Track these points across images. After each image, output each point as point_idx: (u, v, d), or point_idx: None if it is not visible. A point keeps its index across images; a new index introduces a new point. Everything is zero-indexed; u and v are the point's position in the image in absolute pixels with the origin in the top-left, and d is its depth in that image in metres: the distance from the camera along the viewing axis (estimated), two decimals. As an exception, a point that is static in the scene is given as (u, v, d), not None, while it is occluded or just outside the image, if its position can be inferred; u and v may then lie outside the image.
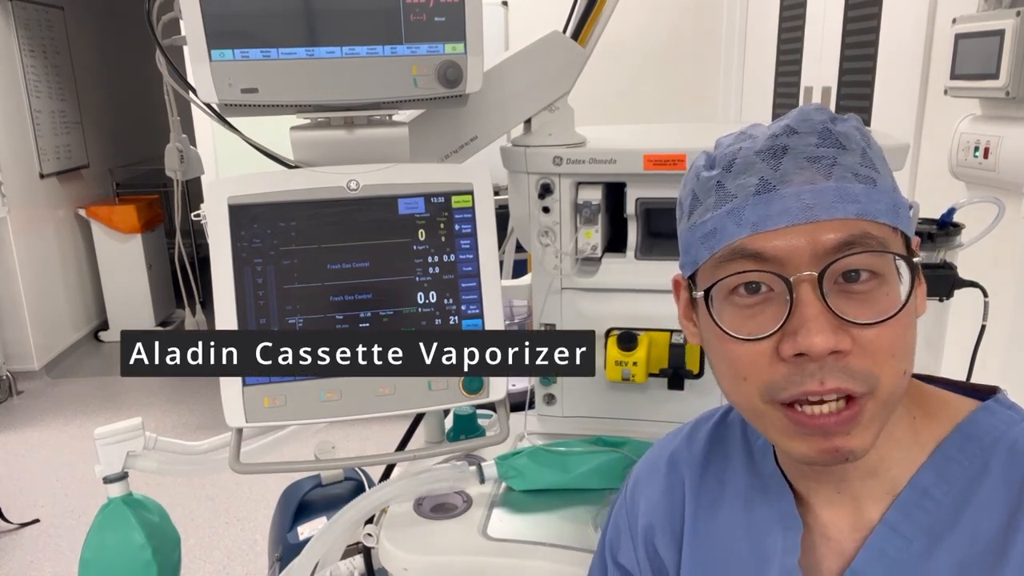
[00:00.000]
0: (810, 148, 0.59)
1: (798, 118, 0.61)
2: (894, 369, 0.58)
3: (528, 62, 1.12)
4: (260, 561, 2.66)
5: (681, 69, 4.22)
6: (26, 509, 2.99)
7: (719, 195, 0.62)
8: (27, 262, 4.24)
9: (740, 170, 0.61)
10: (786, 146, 0.60)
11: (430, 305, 0.97)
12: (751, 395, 0.61)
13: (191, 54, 0.89)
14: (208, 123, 1.21)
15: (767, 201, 0.59)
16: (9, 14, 4.21)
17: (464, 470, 1.01)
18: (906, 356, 0.60)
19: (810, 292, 0.57)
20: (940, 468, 0.62)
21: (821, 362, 0.57)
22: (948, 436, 0.63)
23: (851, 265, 0.57)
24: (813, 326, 0.56)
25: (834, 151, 0.59)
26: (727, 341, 0.61)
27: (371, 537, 0.99)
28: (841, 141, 0.60)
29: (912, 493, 0.62)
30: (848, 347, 0.57)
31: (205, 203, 0.97)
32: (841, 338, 0.56)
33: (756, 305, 0.60)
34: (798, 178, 0.59)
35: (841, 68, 2.87)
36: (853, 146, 0.60)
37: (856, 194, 0.58)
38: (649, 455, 0.83)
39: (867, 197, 0.58)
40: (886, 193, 0.60)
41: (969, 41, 1.95)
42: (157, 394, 4.08)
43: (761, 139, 0.61)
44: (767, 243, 0.58)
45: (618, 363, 1.12)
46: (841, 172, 0.59)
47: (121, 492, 1.10)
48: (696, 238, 0.64)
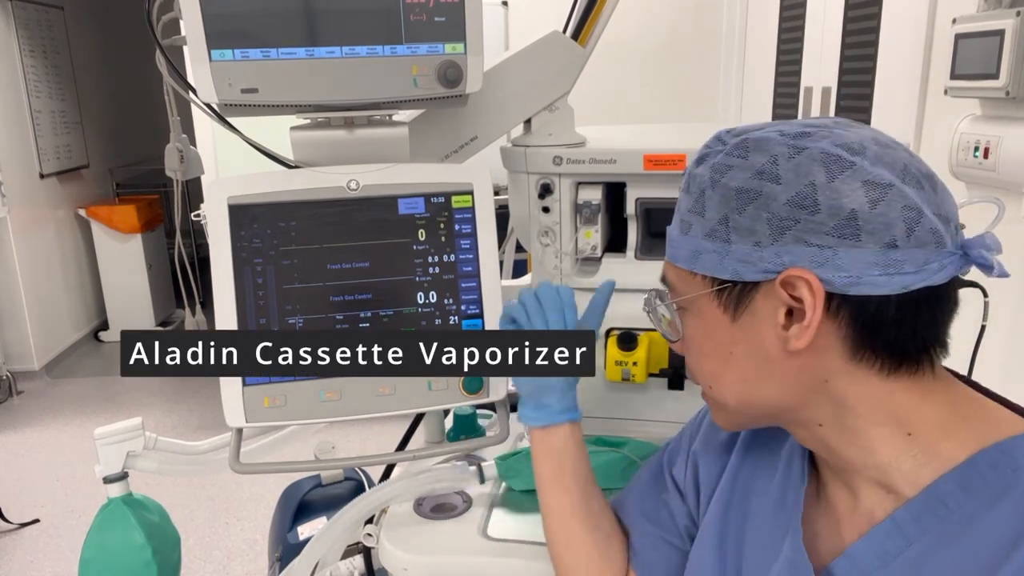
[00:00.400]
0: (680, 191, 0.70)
1: (696, 155, 0.69)
2: (701, 382, 0.72)
3: (528, 62, 1.12)
4: (260, 561, 2.66)
5: (681, 69, 4.22)
6: (26, 509, 2.99)
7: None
8: (27, 262, 4.24)
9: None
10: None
11: (430, 305, 0.97)
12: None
13: (191, 54, 0.89)
14: (208, 123, 1.21)
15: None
16: (9, 14, 4.21)
17: (464, 470, 1.01)
18: (705, 376, 0.71)
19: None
20: (964, 480, 0.61)
21: None
22: (985, 452, 0.62)
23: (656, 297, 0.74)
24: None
25: (682, 195, 0.69)
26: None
27: (371, 537, 0.99)
28: (688, 184, 0.68)
29: (928, 498, 0.62)
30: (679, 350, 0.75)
31: (205, 203, 0.97)
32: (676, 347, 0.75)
33: None
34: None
35: (841, 68, 2.87)
36: (693, 190, 0.67)
37: (672, 238, 0.69)
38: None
39: (676, 243, 0.68)
40: (691, 240, 0.66)
41: (969, 41, 1.95)
42: (157, 394, 4.08)
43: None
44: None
45: (618, 363, 1.12)
46: (677, 218, 0.69)
47: (121, 492, 1.10)
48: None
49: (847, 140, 0.61)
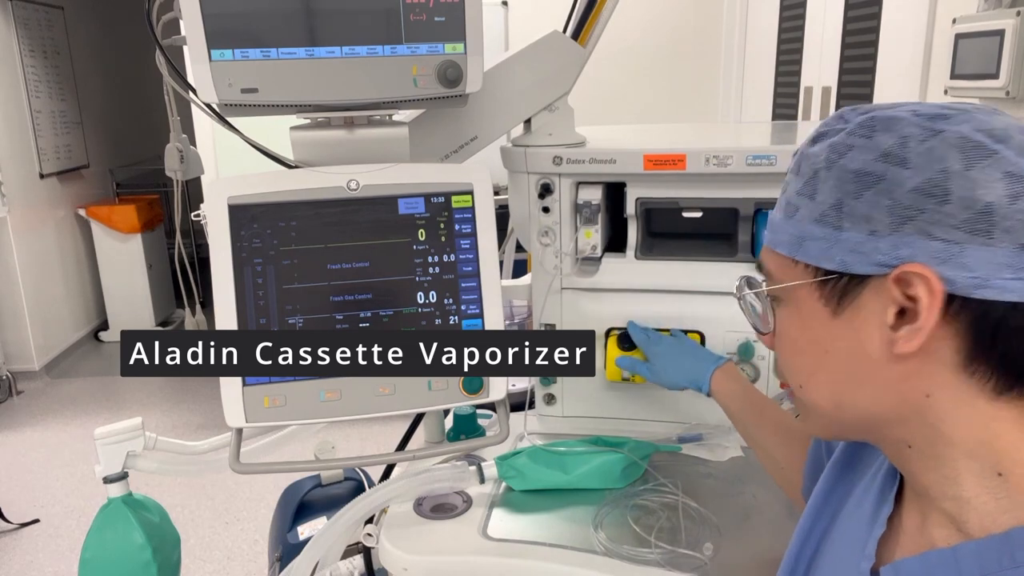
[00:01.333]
0: (787, 172, 0.64)
1: (811, 134, 0.64)
2: (792, 381, 0.66)
3: (528, 62, 1.12)
4: (260, 561, 2.66)
5: (681, 69, 4.22)
6: (26, 509, 2.99)
7: None
8: (27, 262, 4.24)
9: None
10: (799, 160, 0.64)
11: (430, 305, 0.97)
12: None
13: (191, 54, 0.89)
14: (208, 123, 1.21)
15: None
16: (9, 14, 4.21)
17: (464, 470, 1.01)
18: (796, 374, 0.65)
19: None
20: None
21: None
22: None
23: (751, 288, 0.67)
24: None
25: (791, 176, 0.63)
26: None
27: (371, 537, 0.99)
28: (800, 164, 0.62)
29: (1000, 547, 0.56)
30: (768, 343, 0.68)
31: (205, 203, 0.97)
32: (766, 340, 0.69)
33: None
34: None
35: (841, 68, 2.87)
36: (805, 170, 0.62)
37: (774, 223, 0.64)
38: None
39: (779, 227, 0.63)
40: (797, 224, 0.61)
41: (969, 41, 1.95)
42: (157, 394, 4.08)
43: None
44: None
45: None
46: (782, 200, 0.63)
47: (121, 492, 1.10)
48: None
49: (991, 126, 0.55)
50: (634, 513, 1.00)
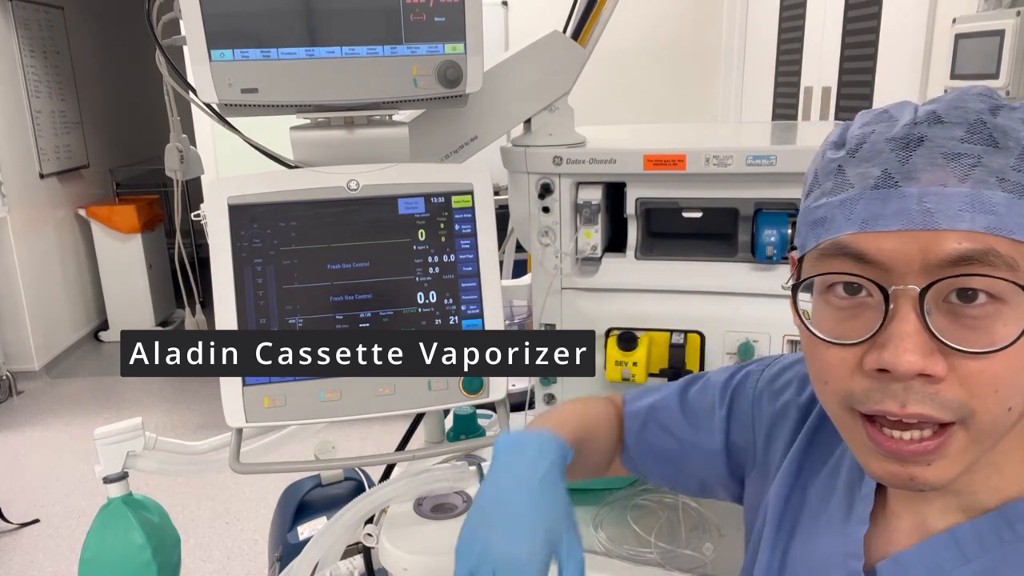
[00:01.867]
0: (952, 143, 0.51)
1: (951, 103, 0.53)
2: (995, 405, 0.51)
3: (528, 62, 1.12)
4: (260, 561, 2.66)
5: (681, 69, 4.22)
6: (26, 509, 2.99)
7: (837, 181, 0.55)
8: (27, 262, 4.24)
9: (865, 157, 0.54)
10: (923, 137, 0.52)
11: (430, 305, 0.97)
12: (831, 401, 0.57)
13: (191, 54, 0.89)
14: (208, 123, 1.21)
15: (884, 198, 0.52)
16: (9, 14, 4.21)
17: (464, 470, 1.01)
18: (1014, 392, 0.52)
19: (909, 306, 0.50)
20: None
21: (907, 383, 0.51)
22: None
23: (963, 285, 0.50)
24: (904, 344, 0.50)
25: (982, 148, 0.51)
26: (815, 341, 0.56)
27: (371, 537, 0.99)
28: (995, 137, 0.51)
29: (996, 518, 0.57)
30: (941, 373, 0.50)
31: (205, 203, 0.97)
32: (934, 362, 0.50)
33: (852, 308, 0.54)
34: (927, 176, 0.51)
35: (841, 68, 2.87)
36: (1010, 144, 0.51)
37: (994, 203, 0.49)
38: (799, 362, 0.78)
39: (1007, 208, 0.49)
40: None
41: (969, 41, 1.95)
42: (157, 394, 4.08)
43: (899, 124, 0.53)
44: (874, 244, 0.52)
45: (618, 363, 1.12)
46: (983, 175, 0.50)
47: (121, 492, 1.10)
48: (807, 222, 0.58)
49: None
50: (634, 513, 1.00)
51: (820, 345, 0.56)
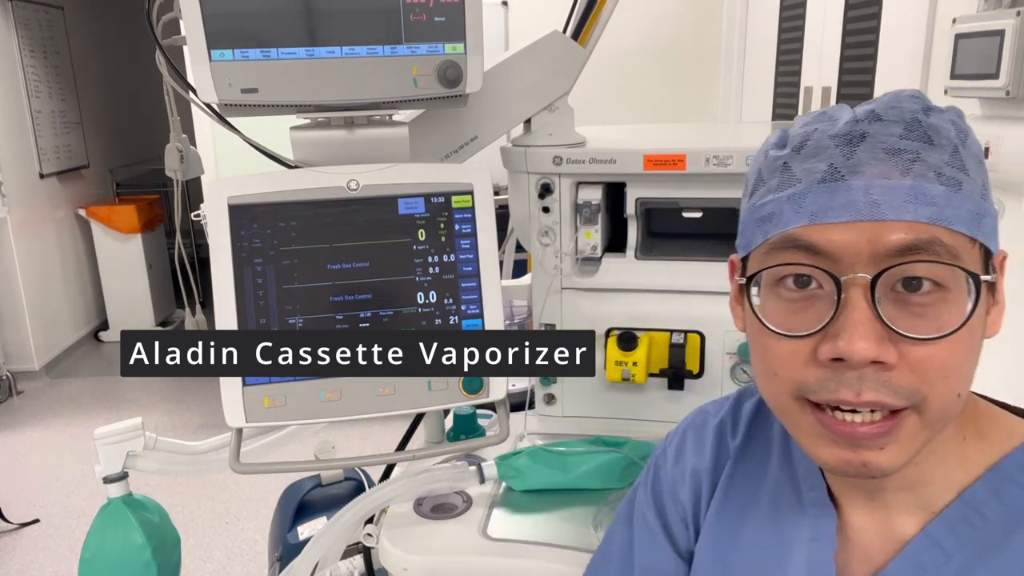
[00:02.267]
0: (892, 139, 0.54)
1: (887, 103, 0.56)
2: (945, 390, 0.53)
3: (528, 62, 1.12)
4: (260, 561, 2.66)
5: (681, 69, 4.22)
6: (26, 509, 2.99)
7: (783, 177, 0.58)
8: (27, 262, 4.24)
9: (810, 153, 0.56)
10: (865, 133, 0.55)
11: (430, 305, 0.97)
12: (781, 392, 0.58)
13: (191, 54, 0.89)
14: (208, 123, 1.21)
15: (832, 191, 0.54)
16: (9, 14, 4.21)
17: (464, 470, 1.01)
18: (961, 380, 0.54)
19: (860, 295, 0.52)
20: (997, 486, 0.58)
21: (860, 371, 0.53)
22: (1011, 455, 0.59)
23: (911, 272, 0.52)
24: (857, 332, 0.52)
25: (919, 145, 0.54)
26: (765, 334, 0.57)
27: (371, 537, 0.99)
28: (930, 135, 0.54)
29: (961, 507, 0.59)
30: (893, 360, 0.52)
31: (205, 203, 0.97)
32: (886, 349, 0.52)
33: (802, 300, 0.56)
34: (871, 170, 0.53)
35: (841, 68, 2.87)
36: (943, 142, 0.54)
37: (934, 196, 0.52)
38: (696, 418, 0.79)
39: (946, 201, 0.53)
40: (970, 199, 0.54)
41: (969, 41, 1.95)
42: (157, 394, 4.08)
43: (841, 122, 0.56)
44: (824, 236, 0.54)
45: (618, 363, 1.12)
46: (922, 169, 0.53)
47: (121, 492, 1.10)
48: (753, 220, 0.60)
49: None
50: (634, 513, 1.00)
51: (771, 338, 0.57)
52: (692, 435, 0.77)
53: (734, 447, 0.73)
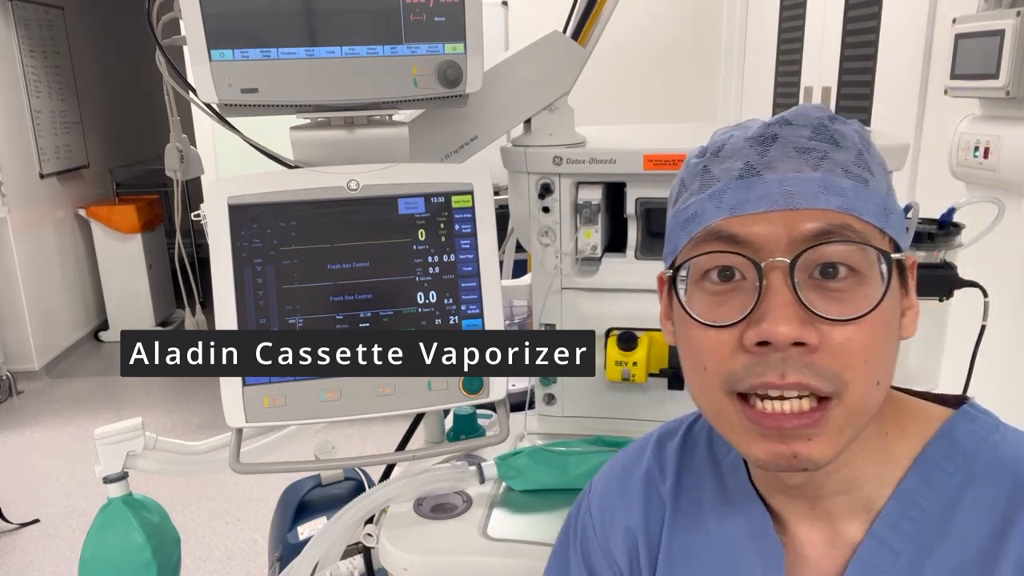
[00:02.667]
0: (802, 140, 0.58)
1: (795, 112, 0.61)
2: (865, 377, 0.56)
3: (528, 62, 1.12)
4: (260, 561, 2.66)
5: (681, 69, 4.22)
6: (26, 509, 2.99)
7: (704, 179, 0.61)
8: (27, 262, 4.24)
9: (727, 155, 0.60)
10: (776, 135, 0.59)
11: (430, 305, 0.97)
12: (711, 386, 0.59)
13: (191, 54, 0.89)
14: (208, 123, 1.21)
15: (748, 185, 0.58)
16: (9, 14, 4.21)
17: (464, 470, 1.01)
18: (880, 366, 0.57)
19: (780, 280, 0.55)
20: (926, 476, 0.61)
21: (785, 353, 0.55)
22: (931, 444, 0.62)
23: (827, 255, 0.55)
24: (779, 313, 0.54)
25: (827, 146, 0.58)
26: (692, 327, 0.60)
27: (371, 537, 0.99)
28: (836, 138, 0.59)
29: (898, 504, 0.61)
30: (815, 341, 0.54)
31: (205, 203, 0.97)
32: (807, 331, 0.54)
33: (726, 293, 0.59)
34: (784, 166, 0.57)
35: (841, 68, 2.87)
36: (848, 145, 0.59)
37: (843, 188, 0.57)
38: (612, 471, 0.79)
39: (855, 193, 0.57)
40: (877, 195, 0.58)
41: (969, 41, 1.95)
42: (157, 394, 4.08)
43: (754, 128, 0.61)
44: (744, 227, 0.57)
45: (618, 363, 1.12)
46: (830, 166, 0.57)
47: (121, 492, 1.10)
48: (678, 224, 0.63)
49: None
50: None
51: (698, 330, 0.59)
52: (616, 490, 0.77)
53: (667, 491, 0.73)
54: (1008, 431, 0.63)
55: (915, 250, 1.05)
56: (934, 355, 1.09)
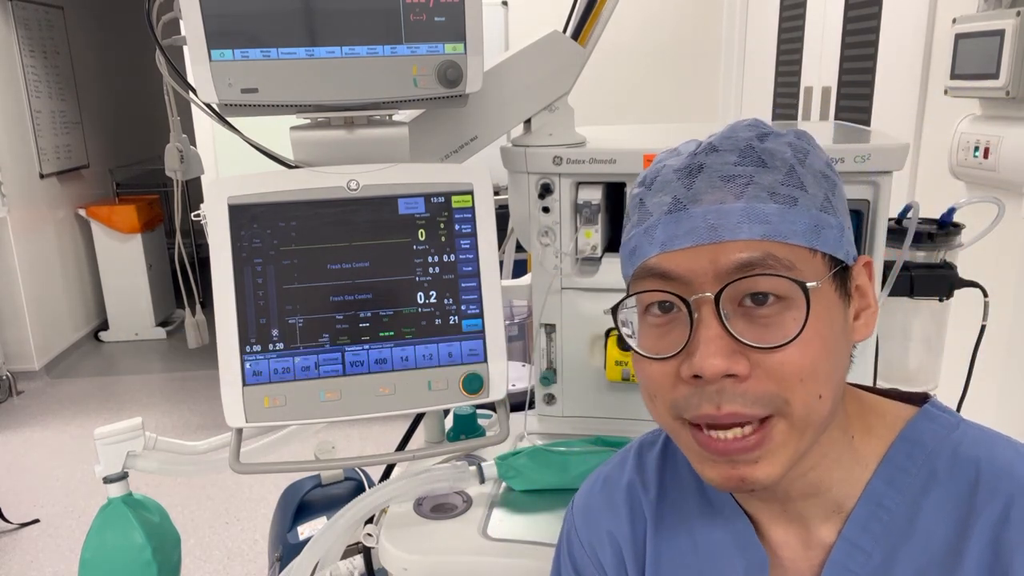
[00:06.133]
0: (727, 167, 0.59)
1: (723, 135, 0.61)
2: (805, 394, 0.57)
3: (528, 62, 1.12)
4: (260, 561, 2.66)
5: (681, 69, 4.22)
6: (26, 509, 2.99)
7: (640, 213, 0.63)
8: (27, 262, 4.24)
9: (658, 188, 0.62)
10: (702, 165, 0.60)
11: (430, 305, 0.97)
12: (663, 413, 0.62)
13: (191, 54, 0.89)
14: (208, 123, 1.21)
15: (676, 220, 0.59)
16: (9, 14, 4.21)
17: (464, 470, 1.01)
18: (819, 381, 0.57)
19: (710, 313, 0.57)
20: (890, 478, 0.62)
21: (718, 385, 0.56)
22: (894, 445, 0.63)
23: (750, 287, 0.56)
24: (707, 348, 0.56)
25: (752, 169, 0.59)
26: (639, 359, 0.62)
27: (371, 537, 0.99)
28: (763, 158, 0.59)
29: (866, 506, 0.62)
30: (744, 371, 0.56)
31: (205, 203, 0.97)
32: (736, 361, 0.56)
33: (666, 325, 0.60)
34: (708, 197, 0.58)
35: (841, 68, 2.87)
36: (777, 164, 0.59)
37: (766, 214, 0.57)
38: (593, 485, 0.80)
39: (779, 217, 0.57)
40: (806, 214, 0.58)
41: (969, 41, 1.95)
42: (157, 394, 4.08)
43: (683, 156, 0.62)
44: (673, 263, 0.59)
45: (618, 363, 1.12)
46: (755, 192, 0.58)
47: (121, 492, 1.10)
48: (626, 254, 0.66)
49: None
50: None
51: (644, 362, 0.61)
52: (600, 501, 0.77)
53: (650, 502, 0.73)
54: (969, 428, 0.64)
55: (915, 250, 1.06)
56: (934, 355, 1.09)
